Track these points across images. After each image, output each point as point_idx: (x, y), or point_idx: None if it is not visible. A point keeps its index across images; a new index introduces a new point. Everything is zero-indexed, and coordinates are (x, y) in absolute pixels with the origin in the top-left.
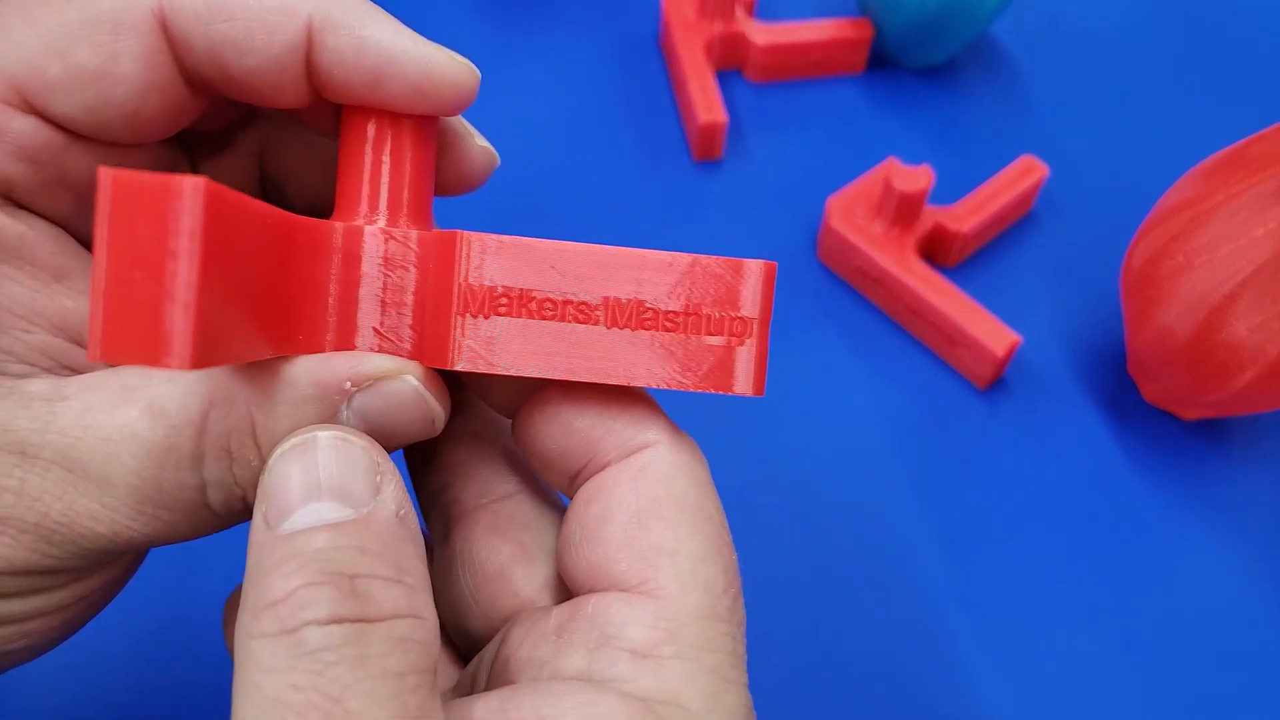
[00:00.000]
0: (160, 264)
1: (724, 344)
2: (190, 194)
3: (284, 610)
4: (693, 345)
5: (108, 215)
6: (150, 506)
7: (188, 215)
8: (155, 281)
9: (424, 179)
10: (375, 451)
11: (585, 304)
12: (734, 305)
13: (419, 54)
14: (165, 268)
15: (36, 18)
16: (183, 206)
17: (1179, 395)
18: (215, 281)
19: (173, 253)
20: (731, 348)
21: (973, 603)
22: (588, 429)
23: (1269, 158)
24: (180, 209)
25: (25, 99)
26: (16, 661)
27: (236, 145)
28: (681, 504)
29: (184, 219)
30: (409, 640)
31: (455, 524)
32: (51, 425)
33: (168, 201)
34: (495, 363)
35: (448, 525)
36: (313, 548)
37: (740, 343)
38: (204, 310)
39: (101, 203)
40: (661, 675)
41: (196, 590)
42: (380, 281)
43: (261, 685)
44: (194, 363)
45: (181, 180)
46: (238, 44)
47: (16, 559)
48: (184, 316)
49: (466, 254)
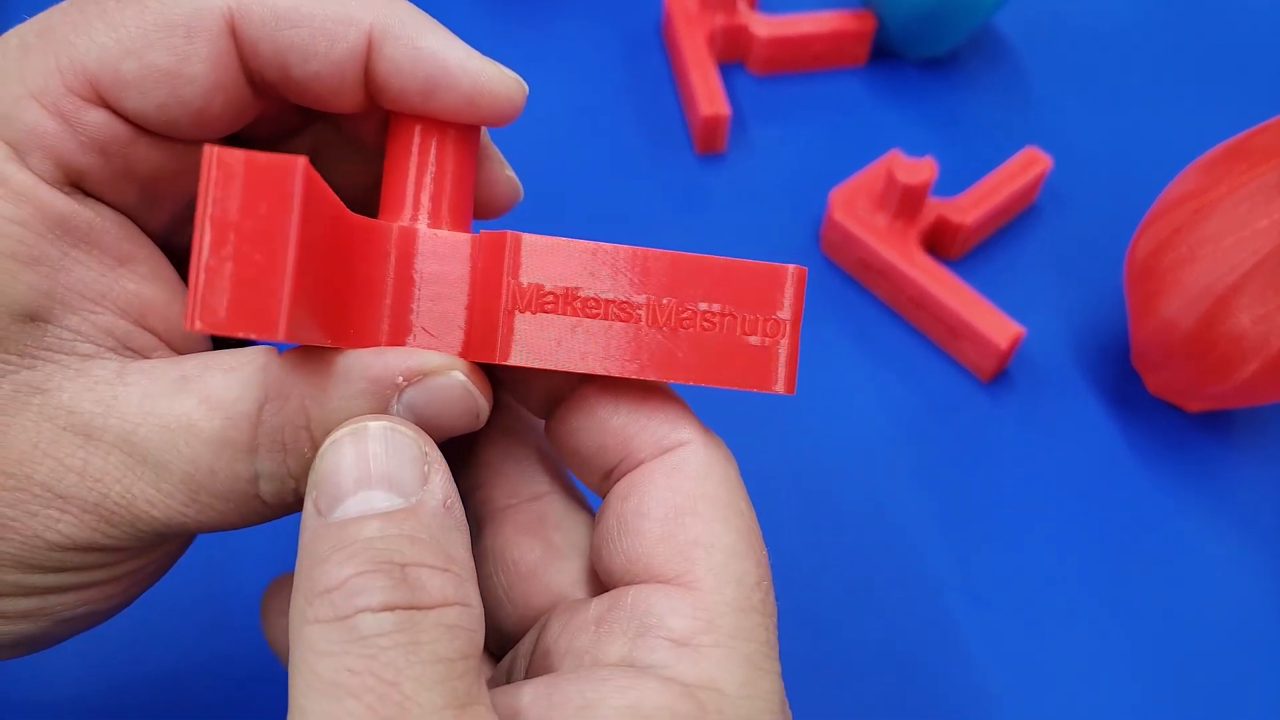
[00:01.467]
0: (262, 237)
1: (760, 344)
2: (291, 171)
3: (338, 597)
4: (731, 345)
5: (209, 189)
6: (204, 495)
7: (294, 192)
8: (256, 252)
9: (465, 186)
10: (424, 442)
11: (627, 303)
12: (770, 307)
13: (472, 66)
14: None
15: (115, 19)
16: (291, 182)
17: (1183, 387)
18: (309, 260)
19: (278, 227)
20: (768, 348)
21: (977, 595)
22: (623, 426)
23: (1272, 149)
24: (288, 185)
25: (100, 94)
26: (78, 628)
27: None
28: (715, 501)
29: (291, 195)
30: (457, 627)
31: (487, 523)
32: (114, 410)
33: (270, 176)
34: (542, 358)
35: (480, 525)
36: (364, 536)
37: (776, 343)
38: (299, 284)
39: (205, 177)
40: (700, 662)
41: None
42: (432, 280)
43: (317, 668)
44: (288, 335)
45: (283, 158)
46: (302, 49)
47: (79, 536)
48: (280, 286)
49: (514, 253)
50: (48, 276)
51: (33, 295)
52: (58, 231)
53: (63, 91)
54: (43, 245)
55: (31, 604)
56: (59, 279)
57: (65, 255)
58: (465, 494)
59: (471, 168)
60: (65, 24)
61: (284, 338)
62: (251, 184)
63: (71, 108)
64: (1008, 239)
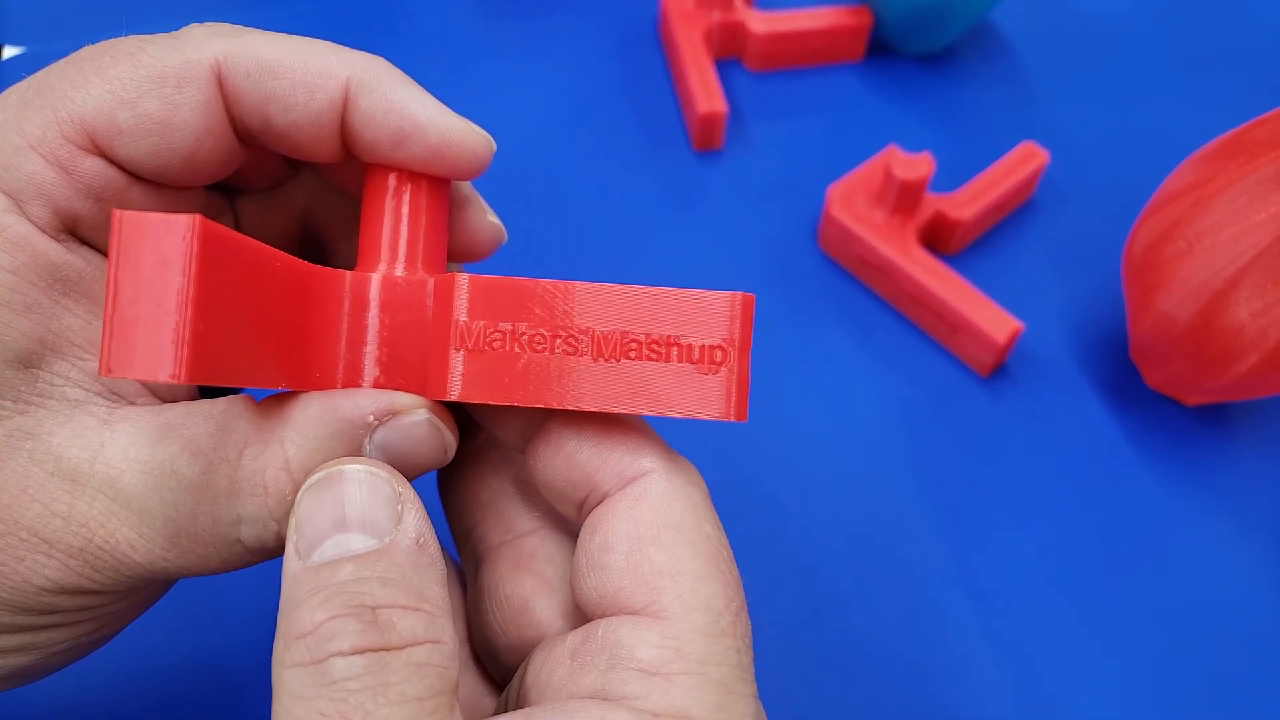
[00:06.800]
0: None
1: (706, 371)
2: (184, 226)
3: (312, 642)
4: (677, 374)
5: (117, 247)
6: (185, 539)
7: (182, 243)
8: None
9: (437, 233)
10: (397, 481)
11: (572, 337)
12: (714, 334)
13: (441, 121)
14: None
15: (109, 73)
16: (178, 236)
17: (1181, 381)
18: (212, 307)
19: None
20: (715, 375)
21: (976, 589)
22: (587, 460)
23: (1270, 142)
24: (176, 239)
25: (95, 143)
26: (71, 659)
27: (279, 206)
28: (679, 528)
29: (179, 247)
30: (426, 665)
31: (483, 561)
32: (100, 456)
33: (166, 233)
34: (490, 394)
35: (477, 563)
36: (337, 580)
37: (722, 370)
38: (198, 330)
39: (113, 237)
40: (670, 691)
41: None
42: (385, 323)
43: (293, 711)
44: (187, 376)
45: (177, 216)
46: (283, 100)
47: (65, 580)
48: (176, 333)
49: (461, 293)
50: (40, 324)
51: (26, 342)
52: (50, 280)
53: (60, 141)
54: (35, 293)
55: (21, 640)
56: (50, 326)
57: (56, 303)
58: (464, 534)
59: (443, 215)
60: (62, 80)
61: (186, 380)
62: (151, 239)
63: (69, 156)
64: (1006, 234)
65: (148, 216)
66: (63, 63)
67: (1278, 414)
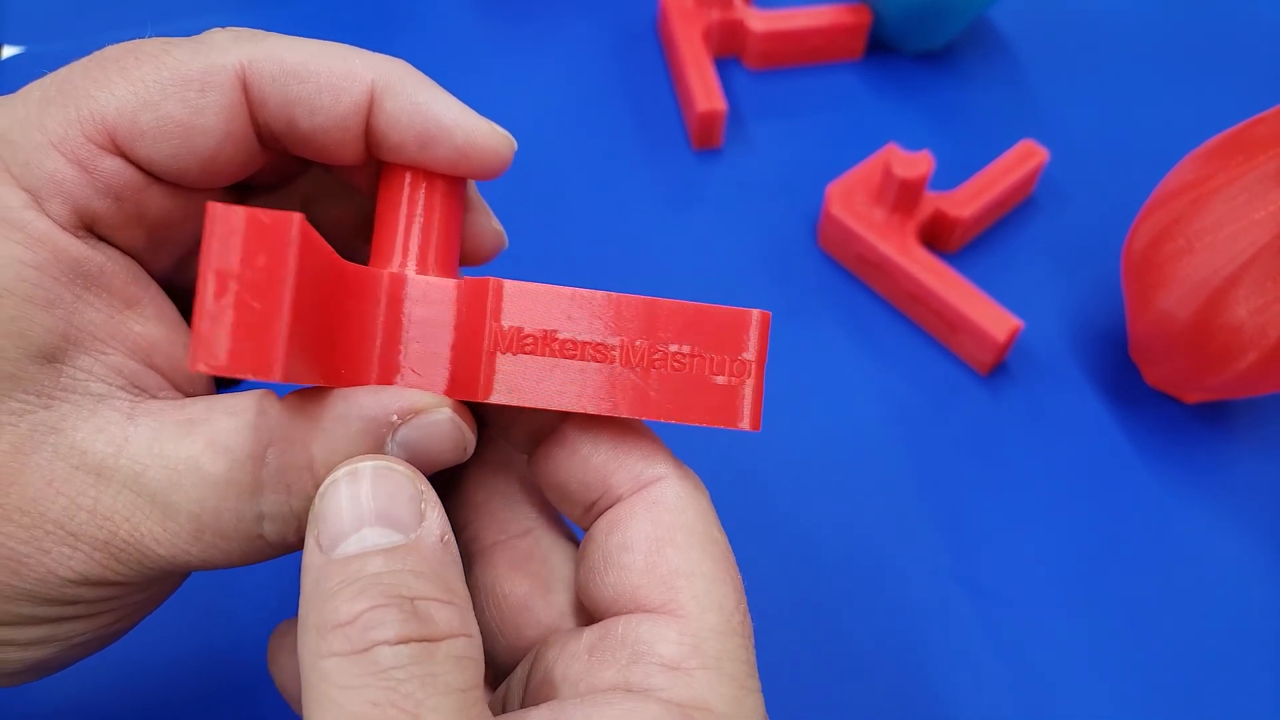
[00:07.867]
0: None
1: (727, 384)
2: (294, 227)
3: (353, 631)
4: (700, 384)
5: (213, 242)
6: (208, 534)
7: (291, 246)
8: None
9: (452, 235)
10: (418, 480)
11: (602, 345)
12: (736, 349)
13: (465, 122)
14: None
15: (133, 74)
16: (288, 237)
17: (1181, 379)
18: (303, 306)
19: (275, 278)
20: (734, 388)
21: (976, 588)
22: (604, 463)
23: (1269, 140)
24: (285, 239)
25: (116, 143)
26: (86, 653)
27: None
28: (692, 531)
29: (288, 249)
30: (465, 658)
31: (476, 560)
32: (125, 451)
33: (270, 231)
34: (522, 396)
35: (471, 561)
36: (369, 571)
37: (742, 383)
38: (294, 329)
39: (209, 231)
40: (691, 685)
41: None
42: (420, 323)
43: (339, 701)
44: (284, 376)
45: (287, 215)
46: (309, 103)
47: (89, 572)
48: (278, 331)
49: (496, 298)
50: (63, 319)
51: (49, 337)
52: (71, 275)
53: (81, 140)
54: (58, 289)
55: (42, 632)
56: (72, 321)
57: (78, 298)
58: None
59: (459, 217)
60: (85, 79)
61: (281, 379)
62: (251, 238)
63: (89, 155)
64: (1005, 232)
65: (251, 213)
66: (86, 61)
67: (1277, 411)
